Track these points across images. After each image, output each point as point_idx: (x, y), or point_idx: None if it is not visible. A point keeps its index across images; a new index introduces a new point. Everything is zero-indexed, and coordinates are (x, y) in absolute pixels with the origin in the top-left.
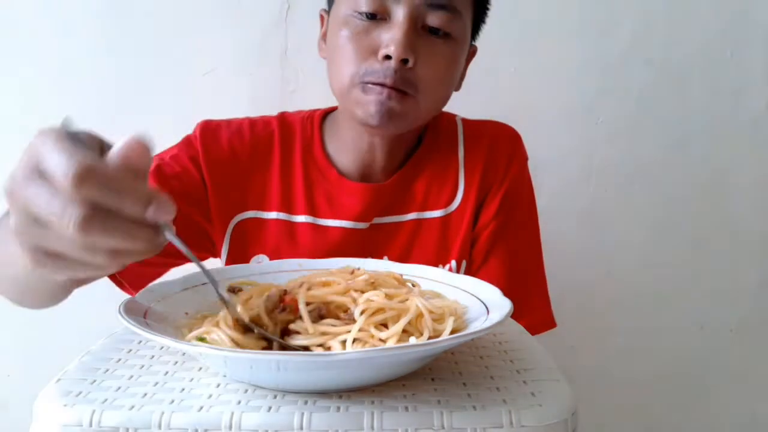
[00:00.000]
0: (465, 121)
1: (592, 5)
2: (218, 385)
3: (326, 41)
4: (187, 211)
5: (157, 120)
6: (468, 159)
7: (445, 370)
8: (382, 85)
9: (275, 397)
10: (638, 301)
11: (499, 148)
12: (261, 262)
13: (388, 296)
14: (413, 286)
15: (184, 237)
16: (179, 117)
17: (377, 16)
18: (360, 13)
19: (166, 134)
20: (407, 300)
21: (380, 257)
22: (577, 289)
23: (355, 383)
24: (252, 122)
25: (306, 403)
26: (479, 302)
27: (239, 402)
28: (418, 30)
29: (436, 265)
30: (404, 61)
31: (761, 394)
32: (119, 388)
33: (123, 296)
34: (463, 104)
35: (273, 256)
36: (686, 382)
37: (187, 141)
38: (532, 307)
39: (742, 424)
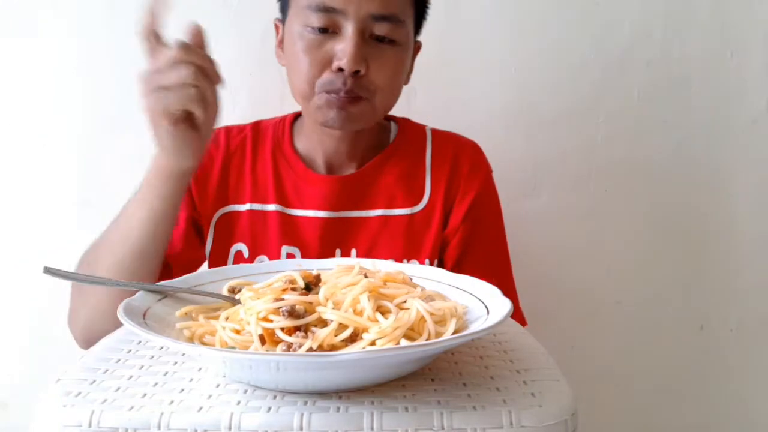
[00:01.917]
0: (434, 131)
1: (592, 5)
2: (218, 386)
3: (284, 50)
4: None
5: None
6: (435, 164)
7: (445, 370)
8: (337, 93)
9: (275, 397)
10: (638, 301)
11: (463, 158)
12: (263, 261)
13: (389, 297)
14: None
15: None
16: None
17: (328, 30)
18: (312, 28)
19: None
20: (406, 302)
21: (348, 249)
22: (577, 289)
23: (355, 383)
24: (228, 129)
25: (306, 403)
26: (479, 302)
27: (239, 402)
28: (366, 40)
29: (403, 261)
30: (356, 71)
31: (761, 394)
32: (119, 388)
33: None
34: (464, 104)
35: (250, 245)
36: (686, 382)
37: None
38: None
39: (741, 424)
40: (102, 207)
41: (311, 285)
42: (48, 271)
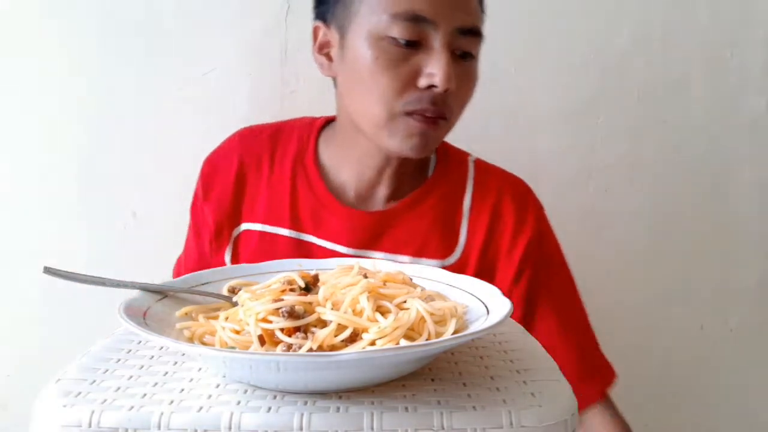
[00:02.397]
0: (478, 164)
1: (592, 5)
2: (218, 386)
3: (340, 61)
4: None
5: (157, 120)
6: (474, 210)
7: (445, 370)
8: (423, 114)
9: (275, 397)
10: (638, 301)
11: (507, 205)
12: None
13: (389, 297)
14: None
15: None
16: (179, 117)
17: (414, 43)
18: (396, 39)
19: (166, 134)
20: (406, 302)
21: None
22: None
23: (355, 383)
24: (241, 135)
25: (306, 403)
26: (479, 302)
27: (239, 402)
28: (453, 56)
29: None
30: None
31: (761, 394)
32: (119, 388)
33: (122, 296)
34: None
35: None
36: (686, 382)
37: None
38: (597, 364)
39: (741, 424)
40: (102, 207)
41: (310, 285)
42: (48, 271)
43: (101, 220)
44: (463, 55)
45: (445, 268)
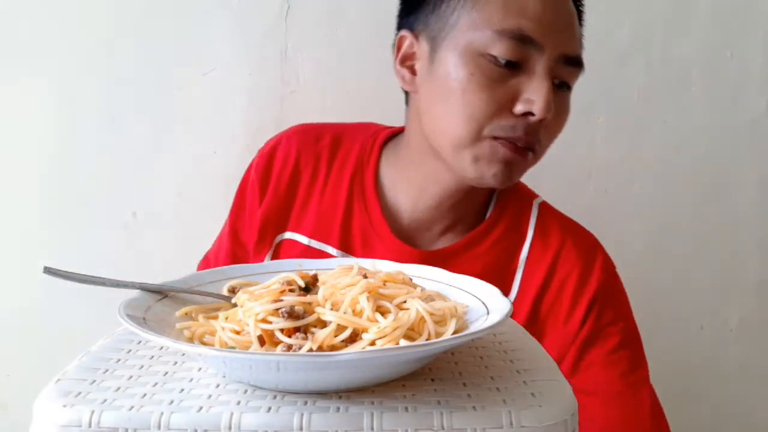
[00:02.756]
0: (543, 208)
1: (592, 5)
2: (218, 386)
3: (427, 75)
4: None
5: (157, 120)
6: (531, 259)
7: (445, 370)
8: (512, 142)
9: (275, 397)
10: (638, 301)
11: (569, 257)
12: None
13: (388, 297)
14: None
15: None
16: (179, 117)
17: (516, 65)
18: (497, 58)
19: (166, 134)
20: (406, 302)
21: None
22: None
23: (355, 383)
24: (302, 135)
25: (306, 403)
26: (479, 302)
27: (239, 402)
28: (551, 84)
29: None
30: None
31: (761, 394)
32: (119, 388)
33: (122, 296)
34: None
35: None
36: (686, 382)
37: (248, 168)
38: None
39: (741, 424)
40: (102, 207)
41: (310, 286)
42: (48, 271)
43: (101, 220)
44: (560, 85)
45: None
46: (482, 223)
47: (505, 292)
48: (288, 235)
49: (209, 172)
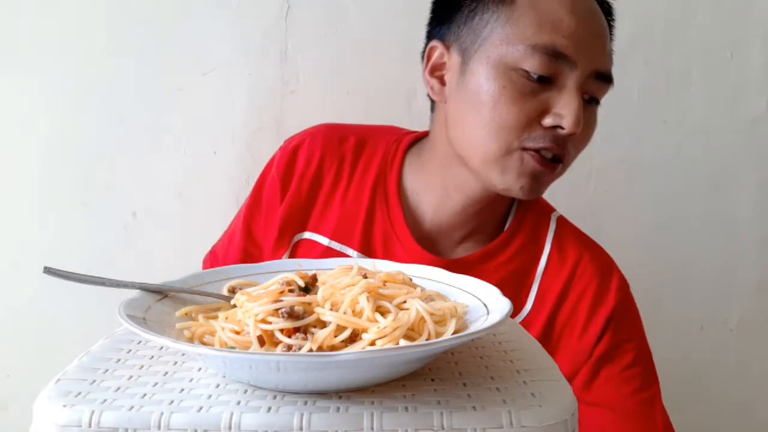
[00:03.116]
0: (560, 223)
1: None
2: (218, 386)
3: (457, 86)
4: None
5: (158, 120)
6: (549, 272)
7: (445, 370)
8: (541, 153)
9: (275, 397)
10: (638, 301)
11: (586, 272)
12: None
13: (388, 297)
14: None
15: None
16: (179, 117)
17: (547, 80)
18: (529, 73)
19: (166, 134)
20: (406, 302)
21: None
22: None
23: (355, 383)
24: (326, 135)
25: (306, 403)
26: (479, 302)
27: (239, 402)
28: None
29: None
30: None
31: (761, 394)
32: (119, 388)
33: (122, 296)
34: None
35: None
36: (686, 382)
37: (269, 165)
38: None
39: (741, 424)
40: (102, 207)
41: (309, 286)
42: (48, 271)
43: (101, 220)
44: (589, 100)
45: None
46: (502, 234)
47: (522, 304)
48: (307, 234)
49: (209, 172)
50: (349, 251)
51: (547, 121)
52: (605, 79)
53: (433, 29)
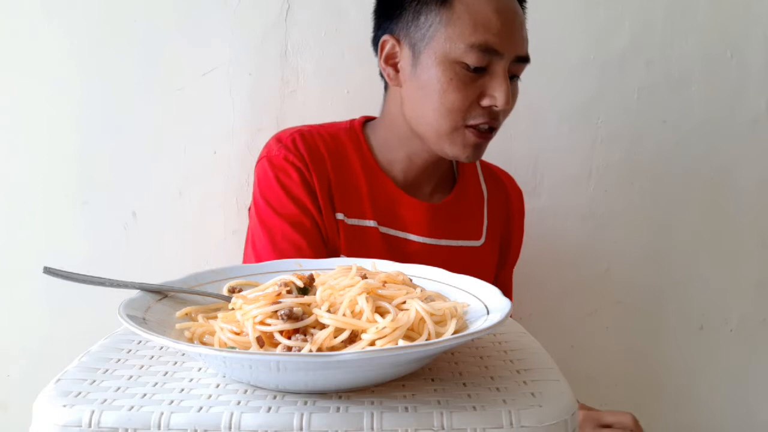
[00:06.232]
0: (482, 164)
1: (592, 5)
2: (218, 386)
3: (411, 75)
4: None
5: (158, 120)
6: (490, 201)
7: (445, 370)
8: (479, 129)
9: (275, 397)
10: (638, 301)
11: (514, 204)
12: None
13: (388, 298)
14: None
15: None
16: (180, 117)
17: (482, 69)
18: (466, 64)
19: (166, 134)
20: (405, 303)
21: None
22: (577, 288)
23: (355, 383)
24: (301, 138)
25: (306, 403)
26: (479, 302)
27: (239, 402)
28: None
29: None
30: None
31: (761, 394)
32: (119, 388)
33: (122, 296)
34: None
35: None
36: (686, 382)
37: (271, 182)
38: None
39: (741, 424)
40: (102, 207)
41: (307, 286)
42: (48, 271)
43: (101, 220)
44: (512, 77)
45: (478, 248)
46: (457, 184)
47: (480, 225)
48: (339, 216)
49: (209, 172)
50: (368, 222)
51: (485, 102)
52: (524, 60)
53: (383, 22)
